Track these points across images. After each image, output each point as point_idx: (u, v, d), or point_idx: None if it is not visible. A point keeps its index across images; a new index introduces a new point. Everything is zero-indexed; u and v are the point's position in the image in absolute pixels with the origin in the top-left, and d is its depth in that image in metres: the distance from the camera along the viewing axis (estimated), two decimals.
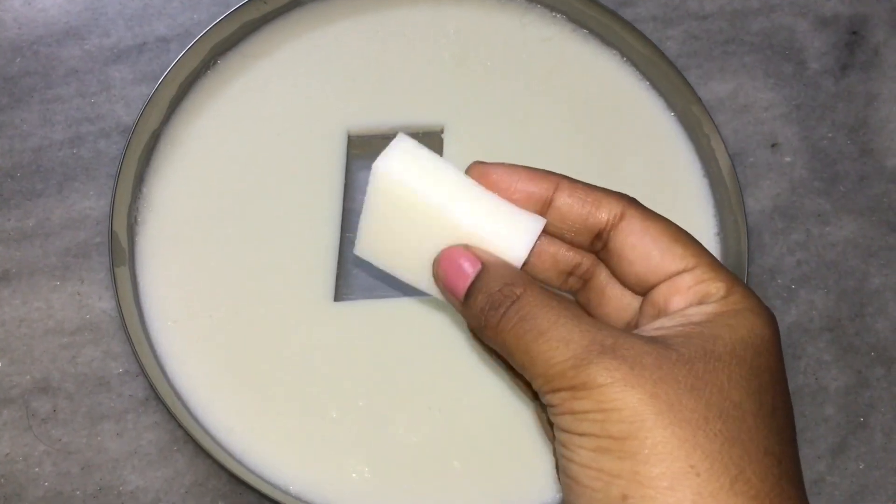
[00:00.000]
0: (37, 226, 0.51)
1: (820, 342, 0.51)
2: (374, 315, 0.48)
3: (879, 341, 0.51)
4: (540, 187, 0.31)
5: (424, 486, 0.46)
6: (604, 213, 0.30)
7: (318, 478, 0.45)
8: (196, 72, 0.51)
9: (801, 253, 0.53)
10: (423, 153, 0.30)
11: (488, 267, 0.30)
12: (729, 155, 0.50)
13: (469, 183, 0.30)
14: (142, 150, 0.49)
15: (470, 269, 0.30)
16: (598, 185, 0.32)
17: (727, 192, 0.50)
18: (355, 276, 0.50)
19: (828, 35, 0.57)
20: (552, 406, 0.27)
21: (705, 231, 0.51)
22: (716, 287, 0.28)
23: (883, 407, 0.50)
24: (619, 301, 0.32)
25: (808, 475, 0.49)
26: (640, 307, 0.31)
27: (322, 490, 0.45)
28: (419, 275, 0.32)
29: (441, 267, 0.30)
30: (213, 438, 0.45)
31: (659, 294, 0.30)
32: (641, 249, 0.30)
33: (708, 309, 0.28)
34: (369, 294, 0.49)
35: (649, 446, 0.25)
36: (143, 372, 0.44)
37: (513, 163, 0.32)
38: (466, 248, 0.30)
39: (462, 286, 0.30)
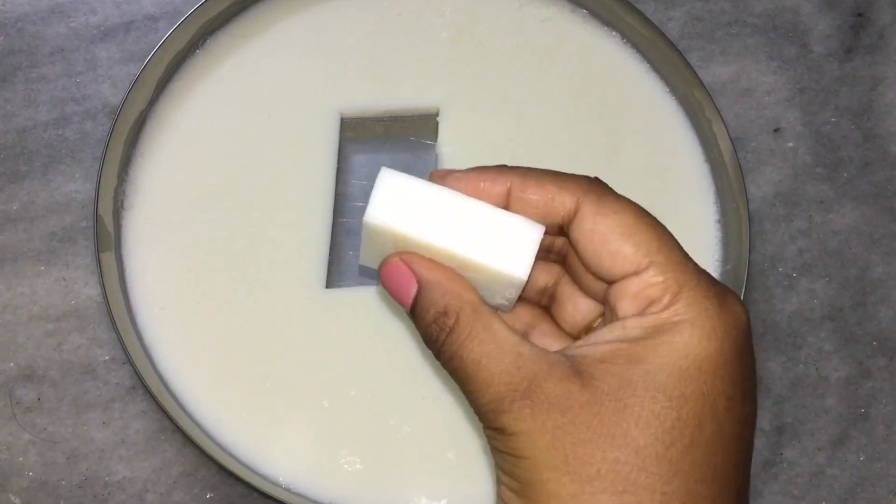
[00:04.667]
0: (21, 209, 0.49)
1: (821, 332, 0.50)
2: (366, 302, 0.47)
3: (882, 331, 0.50)
4: (491, 194, 0.30)
5: (418, 478, 0.45)
6: (558, 209, 0.29)
7: (308, 469, 0.44)
8: (184, 52, 0.50)
9: (802, 241, 0.52)
10: (408, 186, 0.30)
11: (422, 288, 0.29)
12: (731, 140, 0.48)
13: (460, 204, 0.30)
14: (128, 131, 0.48)
15: (407, 292, 0.30)
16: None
17: (728, 178, 0.49)
18: (347, 263, 0.49)
19: (832, 17, 0.56)
20: (487, 437, 0.28)
21: (706, 218, 0.50)
22: (660, 293, 0.27)
23: (884, 398, 0.49)
24: (574, 306, 0.32)
25: (808, 467, 0.48)
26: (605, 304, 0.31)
27: (313, 481, 0.44)
28: None
29: (385, 284, 0.30)
30: (201, 428, 0.44)
31: (611, 296, 0.29)
32: (592, 250, 0.29)
33: (647, 322, 0.27)
34: (362, 281, 0.48)
35: (544, 498, 0.26)
36: (130, 360, 0.43)
37: (466, 169, 0.31)
38: (400, 263, 0.30)
39: (406, 306, 0.30)
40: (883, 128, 0.54)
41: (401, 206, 0.29)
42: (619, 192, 0.31)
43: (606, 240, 0.28)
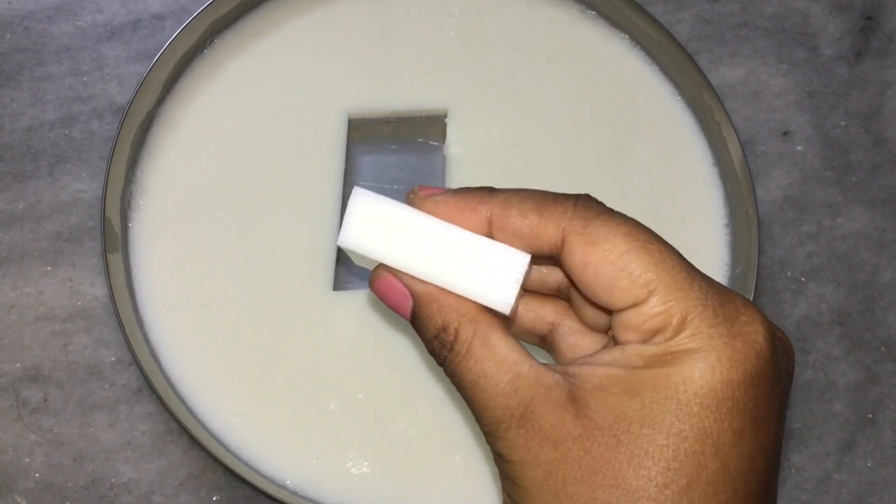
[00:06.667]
0: (27, 209, 0.49)
1: (829, 337, 0.50)
2: (374, 305, 0.47)
3: (890, 336, 0.50)
4: (471, 222, 0.28)
5: (425, 481, 0.45)
6: (543, 241, 0.27)
7: (315, 472, 0.44)
8: (192, 51, 0.50)
9: (811, 245, 0.52)
10: (384, 210, 0.29)
11: (417, 304, 0.29)
12: (740, 143, 0.48)
13: (439, 231, 0.28)
14: (135, 131, 0.48)
15: (404, 307, 0.29)
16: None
17: (738, 181, 0.48)
18: (355, 265, 0.48)
19: (842, 20, 0.56)
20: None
21: (714, 221, 0.49)
22: (663, 324, 0.25)
23: (892, 403, 0.49)
24: (593, 312, 0.30)
25: (815, 473, 0.48)
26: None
27: (320, 484, 0.44)
28: None
29: (379, 298, 0.30)
30: (207, 430, 0.44)
31: (613, 325, 0.27)
32: (586, 283, 0.27)
33: (648, 351, 0.26)
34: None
35: None
36: (136, 361, 0.43)
37: (446, 191, 0.29)
38: (391, 278, 0.29)
39: (406, 319, 0.29)
40: (892, 132, 0.54)
41: (376, 231, 0.28)
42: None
43: (599, 273, 0.26)
